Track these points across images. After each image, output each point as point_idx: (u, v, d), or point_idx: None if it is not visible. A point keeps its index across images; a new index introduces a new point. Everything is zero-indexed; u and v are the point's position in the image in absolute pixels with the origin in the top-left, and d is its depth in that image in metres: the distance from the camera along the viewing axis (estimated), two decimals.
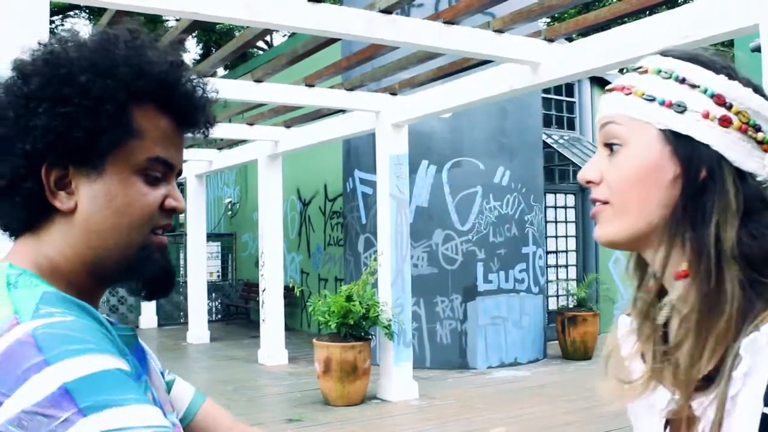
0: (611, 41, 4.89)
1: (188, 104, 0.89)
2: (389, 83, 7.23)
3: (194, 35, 20.91)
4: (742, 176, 0.81)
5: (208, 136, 0.95)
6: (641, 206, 0.83)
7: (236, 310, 14.57)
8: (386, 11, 4.78)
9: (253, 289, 13.17)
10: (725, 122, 0.81)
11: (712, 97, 0.82)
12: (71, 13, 20.88)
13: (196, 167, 11.62)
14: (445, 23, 5.03)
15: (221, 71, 15.17)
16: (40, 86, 0.81)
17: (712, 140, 0.81)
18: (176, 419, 0.98)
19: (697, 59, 0.84)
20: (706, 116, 0.81)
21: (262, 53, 19.99)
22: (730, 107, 0.81)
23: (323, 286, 11.61)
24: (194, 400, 1.12)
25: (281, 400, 7.34)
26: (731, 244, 0.78)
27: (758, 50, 3.92)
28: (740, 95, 0.82)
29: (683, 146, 0.81)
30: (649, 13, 5.37)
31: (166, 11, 4.34)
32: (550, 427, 5.99)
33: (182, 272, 13.23)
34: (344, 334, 6.91)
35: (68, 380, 0.68)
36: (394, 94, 7.21)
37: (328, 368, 6.82)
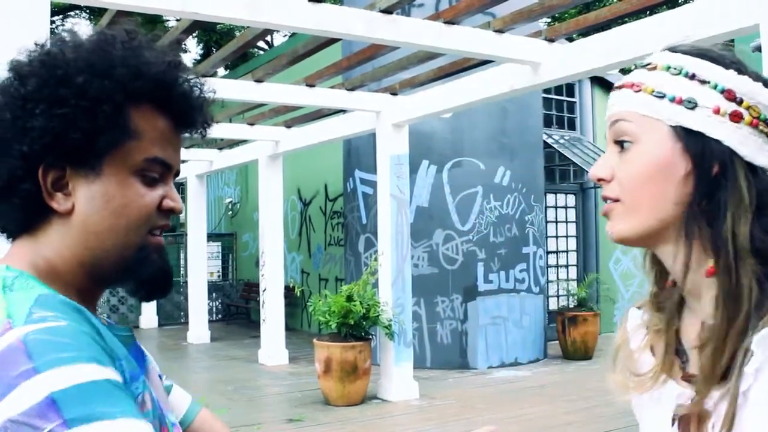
0: (612, 41, 4.88)
1: (186, 104, 0.89)
2: (390, 83, 7.23)
3: (195, 35, 20.90)
4: (753, 171, 0.81)
5: (205, 136, 0.95)
6: (653, 203, 0.83)
7: (237, 310, 14.57)
8: (387, 11, 4.78)
9: (253, 289, 13.17)
10: (736, 117, 0.81)
11: (722, 92, 0.81)
12: (71, 13, 20.87)
13: (196, 167, 11.62)
14: (445, 23, 5.02)
15: (222, 71, 15.16)
16: (37, 87, 0.80)
17: (723, 136, 0.80)
18: (175, 420, 0.97)
19: (706, 54, 0.84)
20: (716, 112, 0.81)
21: (262, 53, 19.99)
22: (740, 102, 0.81)
23: (324, 286, 11.61)
24: (191, 408, 1.12)
25: (282, 400, 7.34)
26: (745, 239, 0.78)
27: (759, 50, 3.91)
28: (750, 90, 0.82)
29: (694, 142, 0.81)
30: (649, 13, 5.37)
31: (166, 11, 4.34)
32: (550, 427, 5.99)
33: (183, 272, 13.23)
34: (345, 334, 6.91)
35: (56, 390, 0.67)
36: (394, 94, 7.21)
37: (328, 368, 6.82)
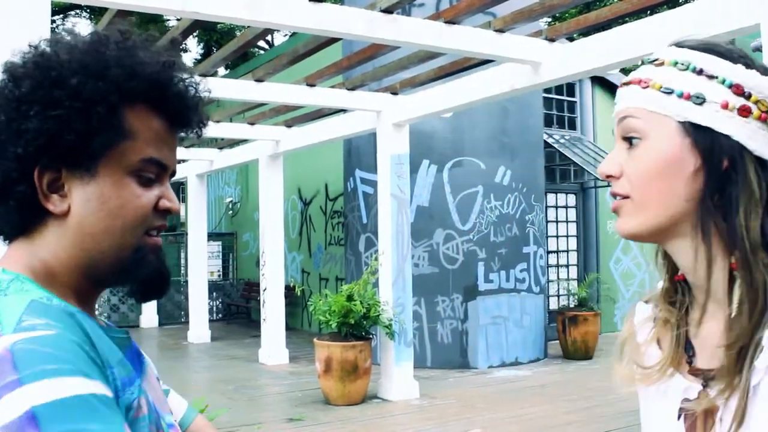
0: (612, 41, 4.88)
1: (181, 104, 0.89)
2: (390, 83, 7.23)
3: (195, 35, 20.92)
4: (763, 165, 0.80)
5: (201, 136, 0.95)
6: (662, 199, 0.83)
7: (237, 309, 14.57)
8: (387, 11, 4.78)
9: (254, 288, 13.17)
10: (745, 112, 0.80)
11: (730, 87, 0.81)
12: (72, 12, 20.89)
13: (197, 167, 11.62)
14: (446, 23, 5.02)
15: (222, 71, 15.17)
16: (31, 89, 0.80)
17: (732, 130, 0.80)
18: (173, 421, 0.97)
19: (713, 49, 0.84)
20: (725, 107, 0.80)
21: (263, 53, 19.99)
22: (749, 97, 0.81)
23: (324, 285, 11.61)
24: (186, 414, 1.11)
25: (282, 399, 7.34)
26: (757, 233, 0.78)
27: (759, 50, 3.91)
28: (759, 84, 0.81)
29: (703, 138, 0.81)
30: (650, 12, 5.36)
31: (167, 11, 4.34)
32: (550, 426, 5.99)
33: (183, 271, 13.23)
34: (345, 333, 6.91)
35: (37, 404, 0.67)
36: (395, 93, 7.20)
37: (328, 368, 6.82)
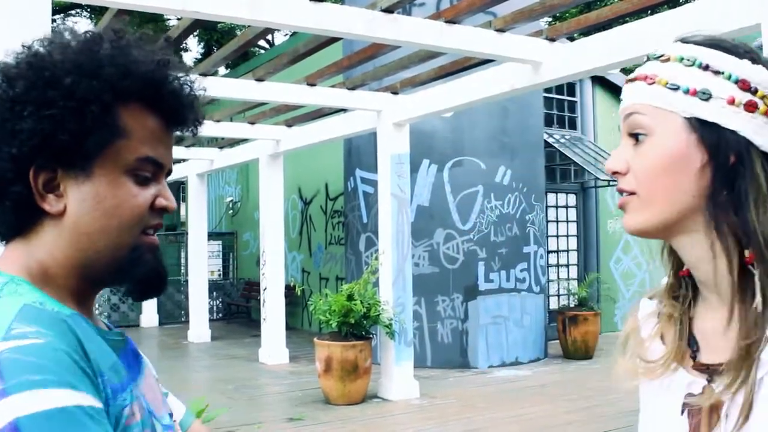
0: (613, 41, 4.88)
1: (176, 102, 0.88)
2: (390, 82, 7.23)
3: (196, 34, 20.91)
4: None
5: (197, 134, 0.94)
6: (668, 195, 0.83)
7: (237, 308, 14.57)
8: (387, 10, 4.78)
9: (254, 287, 13.17)
10: (751, 107, 0.80)
11: (736, 82, 0.81)
12: (73, 12, 20.90)
13: (197, 166, 11.61)
14: (446, 22, 5.02)
15: (223, 70, 15.17)
16: (24, 89, 0.80)
17: (738, 126, 0.80)
18: (172, 421, 0.97)
19: (719, 45, 0.83)
20: (731, 102, 0.80)
21: (263, 52, 19.99)
22: (755, 92, 0.81)
23: (324, 285, 11.60)
24: (184, 419, 1.11)
25: (282, 399, 7.34)
26: (766, 228, 0.78)
27: (760, 50, 3.90)
28: (765, 79, 0.81)
29: (709, 134, 0.81)
30: (650, 12, 5.35)
31: (167, 10, 4.33)
32: (551, 426, 5.98)
33: (183, 271, 13.23)
34: (345, 333, 6.91)
35: (21, 415, 0.67)
36: (395, 93, 7.20)
37: (329, 367, 6.82)
